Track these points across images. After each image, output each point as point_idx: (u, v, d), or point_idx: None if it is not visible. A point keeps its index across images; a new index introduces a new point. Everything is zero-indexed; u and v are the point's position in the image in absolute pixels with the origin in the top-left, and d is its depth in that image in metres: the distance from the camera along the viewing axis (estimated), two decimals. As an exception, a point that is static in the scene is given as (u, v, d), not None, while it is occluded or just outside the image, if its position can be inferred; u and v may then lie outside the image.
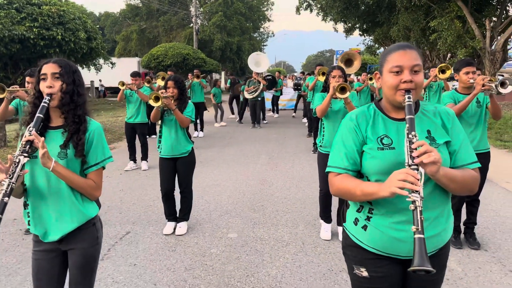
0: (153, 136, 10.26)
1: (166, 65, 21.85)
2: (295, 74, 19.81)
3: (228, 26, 34.87)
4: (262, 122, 13.82)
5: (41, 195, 1.92)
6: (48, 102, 1.85)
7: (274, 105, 16.45)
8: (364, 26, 23.36)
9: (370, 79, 9.28)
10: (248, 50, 34.71)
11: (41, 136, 1.83)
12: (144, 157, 7.40)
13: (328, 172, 1.75)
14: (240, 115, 14.62)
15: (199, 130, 11.33)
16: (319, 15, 21.60)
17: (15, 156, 1.74)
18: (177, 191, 4.46)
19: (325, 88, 4.29)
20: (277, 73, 17.54)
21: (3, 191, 1.68)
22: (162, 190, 4.39)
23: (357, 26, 23.61)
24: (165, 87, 4.32)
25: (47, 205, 1.92)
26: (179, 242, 4.10)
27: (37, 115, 1.83)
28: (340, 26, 23.67)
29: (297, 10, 21.94)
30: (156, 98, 4.19)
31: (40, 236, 1.96)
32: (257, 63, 13.88)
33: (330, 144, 3.89)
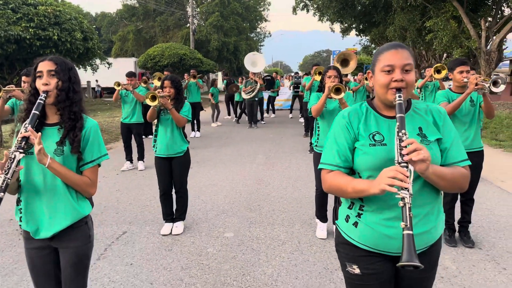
0: (150, 137, 10.26)
1: (163, 65, 21.83)
2: (292, 74, 19.87)
3: (225, 26, 34.88)
4: (260, 123, 13.83)
5: (36, 192, 1.92)
6: (44, 99, 1.86)
7: (270, 105, 16.50)
8: (361, 26, 23.44)
9: (366, 79, 9.30)
10: (245, 50, 34.72)
11: (37, 133, 1.84)
12: (141, 157, 7.40)
13: (321, 169, 1.77)
14: (236, 114, 14.65)
15: (196, 130, 11.36)
16: (316, 15, 21.67)
17: (11, 152, 1.75)
18: (173, 191, 4.47)
19: (321, 88, 4.32)
20: (274, 74, 17.57)
21: None
22: (161, 189, 4.40)
23: (354, 26, 23.69)
24: (162, 87, 4.35)
25: (41, 202, 1.92)
26: (176, 242, 4.11)
27: (33, 112, 1.83)
28: (337, 26, 23.75)
29: (294, 10, 22.00)
30: (153, 97, 4.21)
31: (32, 233, 1.96)
32: (254, 63, 13.89)
33: None
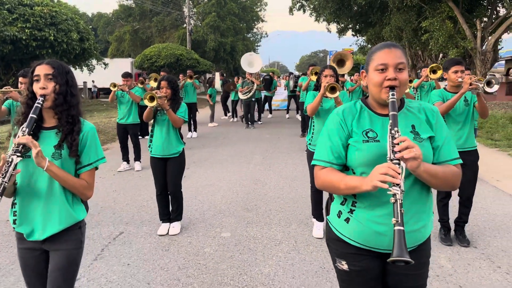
0: (146, 137, 10.25)
1: (159, 66, 21.84)
2: (287, 75, 19.96)
3: (222, 27, 34.89)
4: (257, 123, 13.85)
5: (32, 195, 1.92)
6: (42, 103, 1.86)
7: (265, 105, 16.52)
8: (357, 27, 23.54)
9: (363, 79, 9.34)
10: (242, 51, 34.75)
11: (35, 136, 1.85)
12: (137, 158, 7.40)
13: (314, 166, 1.79)
14: (233, 113, 14.68)
15: (193, 131, 11.35)
16: (312, 16, 21.73)
17: (8, 156, 1.75)
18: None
19: (317, 87, 4.34)
20: (271, 74, 17.60)
21: None
22: (157, 189, 4.40)
23: (350, 27, 23.79)
24: (158, 87, 4.35)
25: (37, 205, 1.93)
26: (173, 242, 4.11)
27: (31, 116, 1.83)
28: (333, 27, 23.85)
29: (290, 11, 22.05)
30: (151, 98, 4.21)
31: (25, 235, 1.96)
32: (250, 64, 13.91)
33: None
